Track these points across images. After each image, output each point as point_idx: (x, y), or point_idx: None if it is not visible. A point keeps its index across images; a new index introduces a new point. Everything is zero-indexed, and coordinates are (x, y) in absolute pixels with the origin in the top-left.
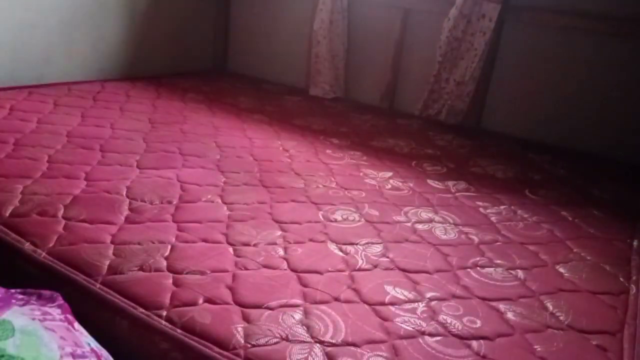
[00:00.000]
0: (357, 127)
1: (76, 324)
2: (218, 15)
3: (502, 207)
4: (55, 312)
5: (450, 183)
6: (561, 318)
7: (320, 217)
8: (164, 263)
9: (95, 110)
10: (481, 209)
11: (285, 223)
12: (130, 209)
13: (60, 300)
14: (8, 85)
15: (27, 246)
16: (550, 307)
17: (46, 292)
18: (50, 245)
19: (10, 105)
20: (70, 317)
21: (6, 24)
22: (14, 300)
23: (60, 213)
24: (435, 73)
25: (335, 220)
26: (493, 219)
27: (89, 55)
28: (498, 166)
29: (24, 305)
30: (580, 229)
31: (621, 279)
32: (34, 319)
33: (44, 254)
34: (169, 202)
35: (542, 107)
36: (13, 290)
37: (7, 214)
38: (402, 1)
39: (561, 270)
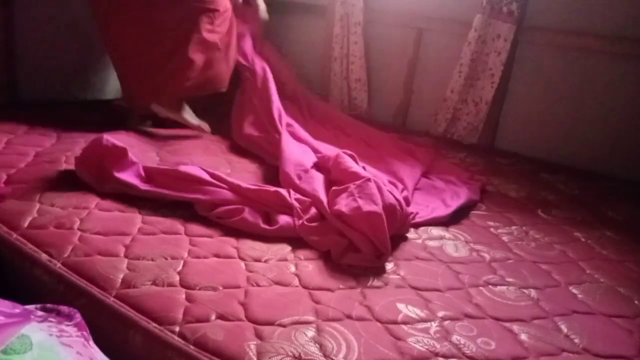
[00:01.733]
0: None
1: (91, 342)
2: None
3: (513, 227)
4: (72, 329)
5: None
6: (576, 341)
7: None
8: (177, 278)
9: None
10: (492, 229)
11: (296, 238)
12: (143, 222)
13: (78, 318)
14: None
15: (43, 257)
16: (565, 330)
17: (64, 309)
18: (65, 255)
19: (31, 122)
20: (86, 334)
21: (34, 43)
22: (32, 316)
23: (77, 225)
24: (455, 93)
25: None
26: (505, 238)
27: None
28: (511, 185)
29: (42, 321)
30: (594, 250)
31: (636, 302)
32: (51, 334)
33: (59, 264)
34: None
35: (556, 128)
36: (32, 307)
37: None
38: (416, 21)
39: (574, 291)
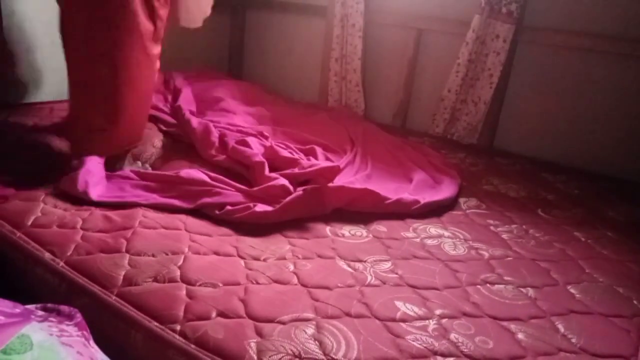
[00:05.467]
0: None
1: (92, 341)
2: (232, 33)
3: (513, 225)
4: (73, 329)
5: (461, 200)
6: (573, 340)
7: (328, 232)
8: (178, 273)
9: None
10: (492, 227)
11: (294, 238)
12: (144, 216)
13: (78, 318)
14: (32, 100)
15: (47, 255)
16: (562, 329)
17: (65, 308)
18: (68, 254)
19: (34, 121)
20: (86, 333)
21: (30, 42)
22: (33, 316)
23: (79, 225)
24: (452, 93)
25: (343, 236)
26: (504, 236)
27: None
28: (510, 185)
29: (42, 321)
30: (593, 249)
31: (635, 302)
32: (51, 334)
33: (62, 263)
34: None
35: (556, 128)
36: (32, 306)
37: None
38: (416, 22)
39: (572, 291)
